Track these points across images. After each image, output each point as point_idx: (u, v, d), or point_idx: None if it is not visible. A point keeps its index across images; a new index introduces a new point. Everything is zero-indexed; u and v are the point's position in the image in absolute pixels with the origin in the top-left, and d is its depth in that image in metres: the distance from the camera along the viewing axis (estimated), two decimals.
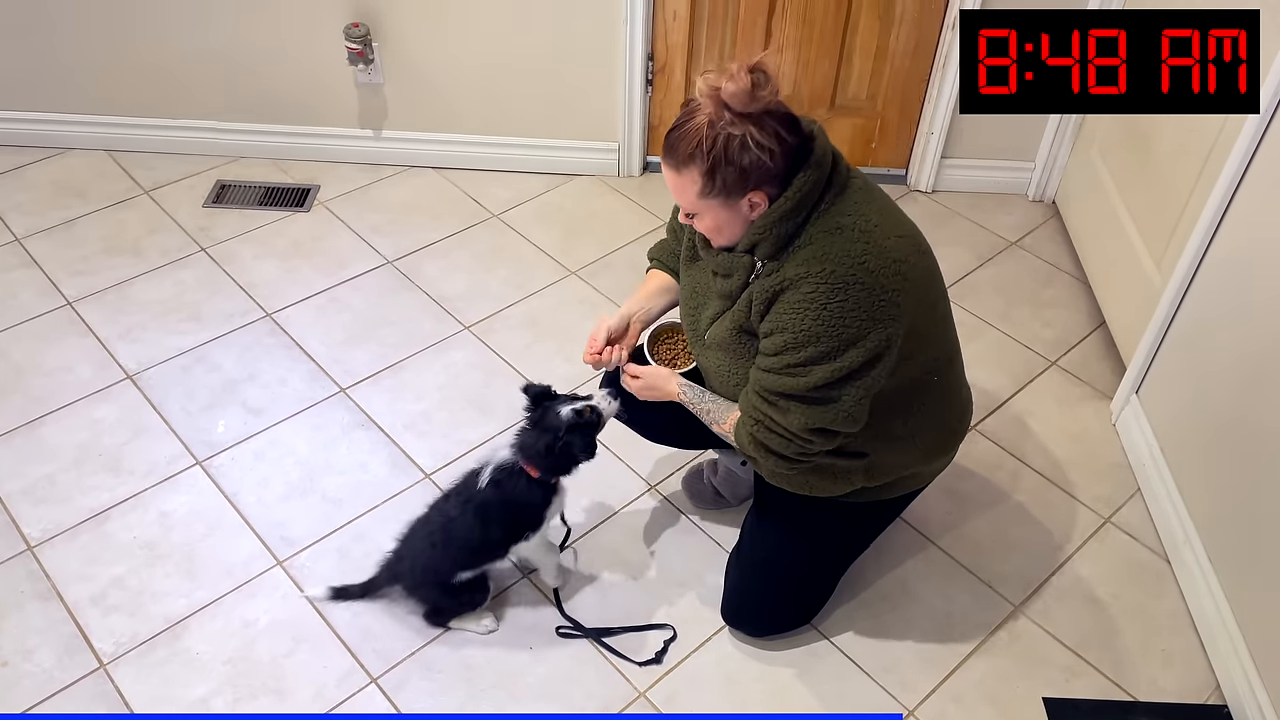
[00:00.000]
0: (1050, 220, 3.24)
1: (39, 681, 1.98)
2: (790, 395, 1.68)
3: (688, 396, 1.89)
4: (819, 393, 1.66)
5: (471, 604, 2.07)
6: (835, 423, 1.68)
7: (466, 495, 1.98)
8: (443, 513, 2.01)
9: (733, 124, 1.55)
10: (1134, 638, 2.13)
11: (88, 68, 3.21)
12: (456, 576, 2.02)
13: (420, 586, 2.05)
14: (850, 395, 1.66)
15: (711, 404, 1.86)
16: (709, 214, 1.66)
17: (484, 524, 1.96)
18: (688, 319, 1.93)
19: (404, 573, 2.05)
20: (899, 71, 3.13)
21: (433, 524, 2.02)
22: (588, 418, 1.92)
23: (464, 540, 1.97)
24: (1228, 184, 2.13)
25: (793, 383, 1.66)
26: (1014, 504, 2.39)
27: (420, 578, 2.03)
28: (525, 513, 1.98)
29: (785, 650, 2.08)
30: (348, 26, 3.04)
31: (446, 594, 2.04)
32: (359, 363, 2.68)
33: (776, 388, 1.69)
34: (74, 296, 2.84)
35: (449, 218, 3.19)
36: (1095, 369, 2.74)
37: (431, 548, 2.00)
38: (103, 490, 2.34)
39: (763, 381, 1.71)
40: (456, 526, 1.97)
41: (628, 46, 3.08)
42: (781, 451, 1.74)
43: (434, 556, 2.00)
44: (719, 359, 1.82)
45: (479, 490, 1.95)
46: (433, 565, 2.00)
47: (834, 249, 1.60)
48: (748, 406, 1.76)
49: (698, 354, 1.90)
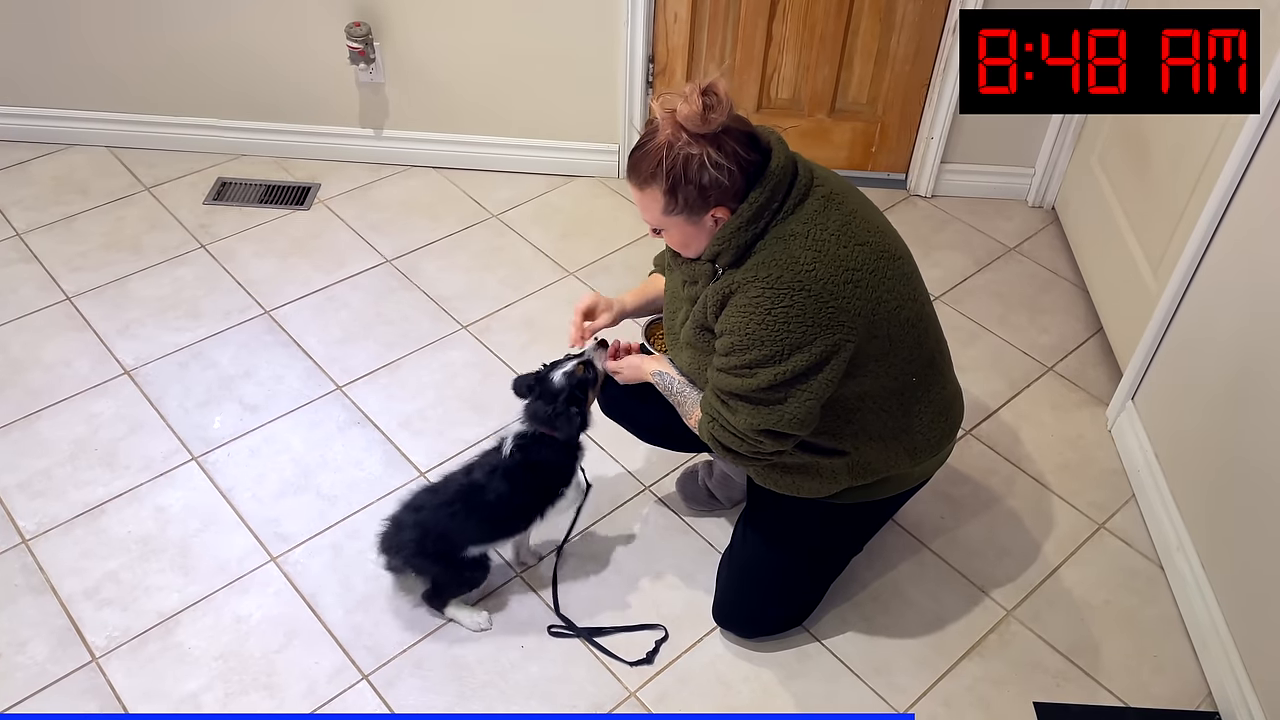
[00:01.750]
0: (1049, 226, 3.24)
1: (31, 674, 1.99)
2: (738, 395, 1.72)
3: (660, 382, 1.93)
4: (764, 394, 1.69)
5: (471, 583, 2.07)
6: (781, 424, 1.70)
7: (492, 465, 2.00)
8: (463, 482, 2.01)
9: (690, 144, 1.59)
10: (1126, 643, 2.13)
11: (91, 64, 3.22)
12: (467, 550, 2.02)
13: (424, 556, 2.02)
14: (795, 399, 1.68)
15: (681, 395, 1.90)
16: (675, 229, 1.71)
17: (514, 490, 1.98)
18: (667, 320, 1.99)
19: (405, 542, 2.01)
20: (899, 76, 3.13)
21: (450, 492, 2.01)
22: (582, 375, 1.99)
23: (490, 508, 1.98)
24: (1224, 191, 2.13)
25: (740, 383, 1.70)
26: (1008, 508, 2.39)
27: (432, 545, 2.00)
28: (557, 472, 2.04)
29: (776, 651, 2.09)
30: (349, 25, 3.05)
31: (450, 567, 2.03)
32: (356, 361, 2.69)
33: (726, 387, 1.73)
34: (73, 292, 2.85)
35: (448, 217, 3.20)
36: (1091, 375, 2.74)
37: (451, 517, 1.98)
38: (98, 485, 2.34)
39: (715, 380, 1.76)
40: (485, 493, 1.97)
41: (628, 48, 3.09)
42: (735, 449, 1.78)
43: (452, 525, 1.98)
44: (690, 357, 1.87)
45: (505, 459, 1.98)
46: (449, 533, 1.99)
47: (783, 256, 1.63)
48: (705, 404, 1.82)
49: (674, 354, 1.95)
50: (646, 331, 2.12)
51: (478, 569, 2.06)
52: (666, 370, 1.93)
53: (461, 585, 2.07)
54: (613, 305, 2.07)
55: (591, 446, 2.45)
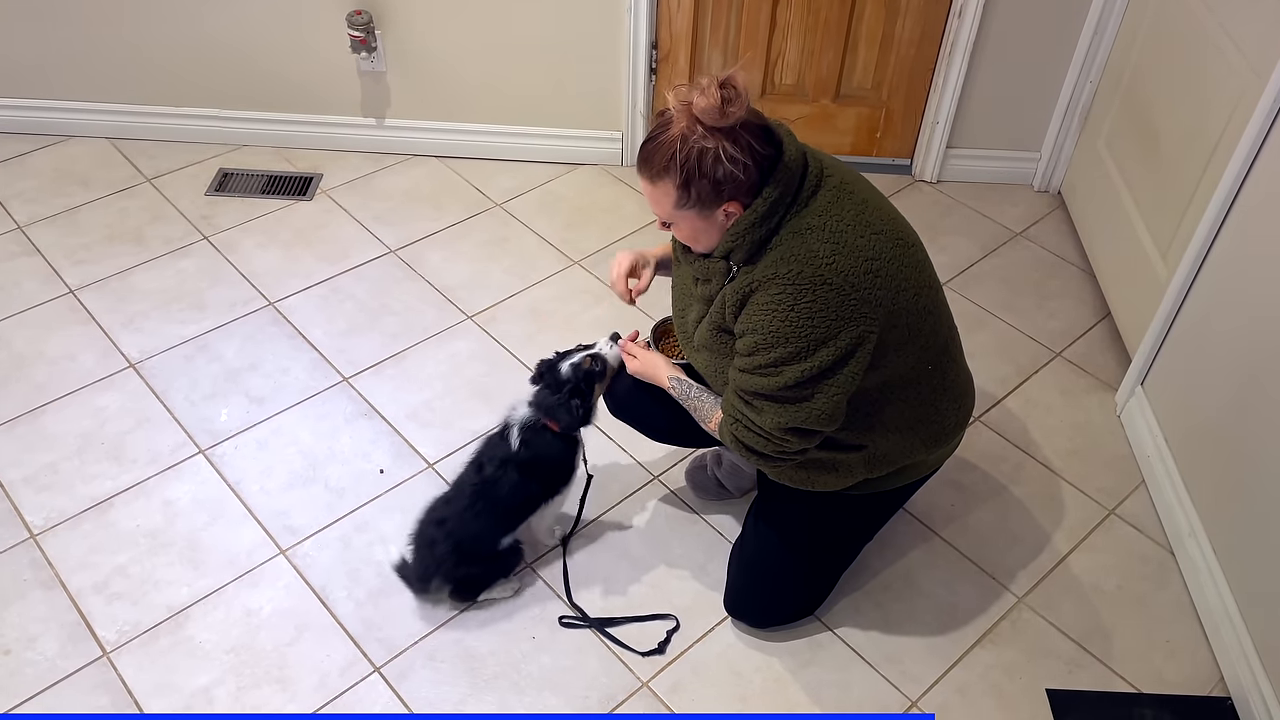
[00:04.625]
0: (1055, 211, 3.23)
1: (41, 670, 1.98)
2: (763, 395, 1.69)
3: (677, 389, 1.91)
4: (791, 392, 1.66)
5: (509, 569, 2.09)
6: (809, 421, 1.69)
7: (501, 456, 2.01)
8: (477, 480, 2.02)
9: (705, 138, 1.56)
10: (1137, 629, 2.13)
11: (90, 56, 3.20)
12: (501, 543, 2.04)
13: (465, 563, 2.03)
14: (823, 394, 1.66)
15: (698, 401, 1.88)
16: (685, 223, 1.68)
17: (527, 480, 2.01)
18: (677, 320, 1.97)
19: (443, 557, 2.02)
20: (904, 60, 3.11)
21: (468, 494, 2.02)
22: (589, 368, 1.99)
23: (508, 499, 2.00)
24: (1235, 175, 2.12)
25: (765, 382, 1.67)
26: (1018, 495, 2.39)
27: (470, 550, 2.01)
28: (557, 468, 2.05)
29: (788, 641, 2.08)
30: (350, 14, 3.03)
31: (492, 564, 2.06)
32: (362, 352, 2.68)
33: (750, 387, 1.70)
34: (76, 285, 2.83)
35: (452, 207, 3.18)
36: (1100, 360, 2.73)
37: (477, 517, 2.00)
38: (105, 479, 2.33)
39: (738, 381, 1.73)
40: (500, 487, 1.99)
41: (631, 35, 3.07)
42: (760, 450, 1.75)
43: (481, 525, 2.01)
44: (707, 359, 1.85)
45: (514, 451, 1.99)
46: (480, 534, 2.01)
47: (802, 250, 1.61)
48: (727, 405, 1.79)
49: (689, 355, 1.93)
50: (656, 333, 2.10)
51: (513, 555, 2.08)
52: (677, 376, 1.91)
53: (502, 574, 2.09)
54: (649, 260, 2.04)
55: (600, 437, 2.45)
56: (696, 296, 1.85)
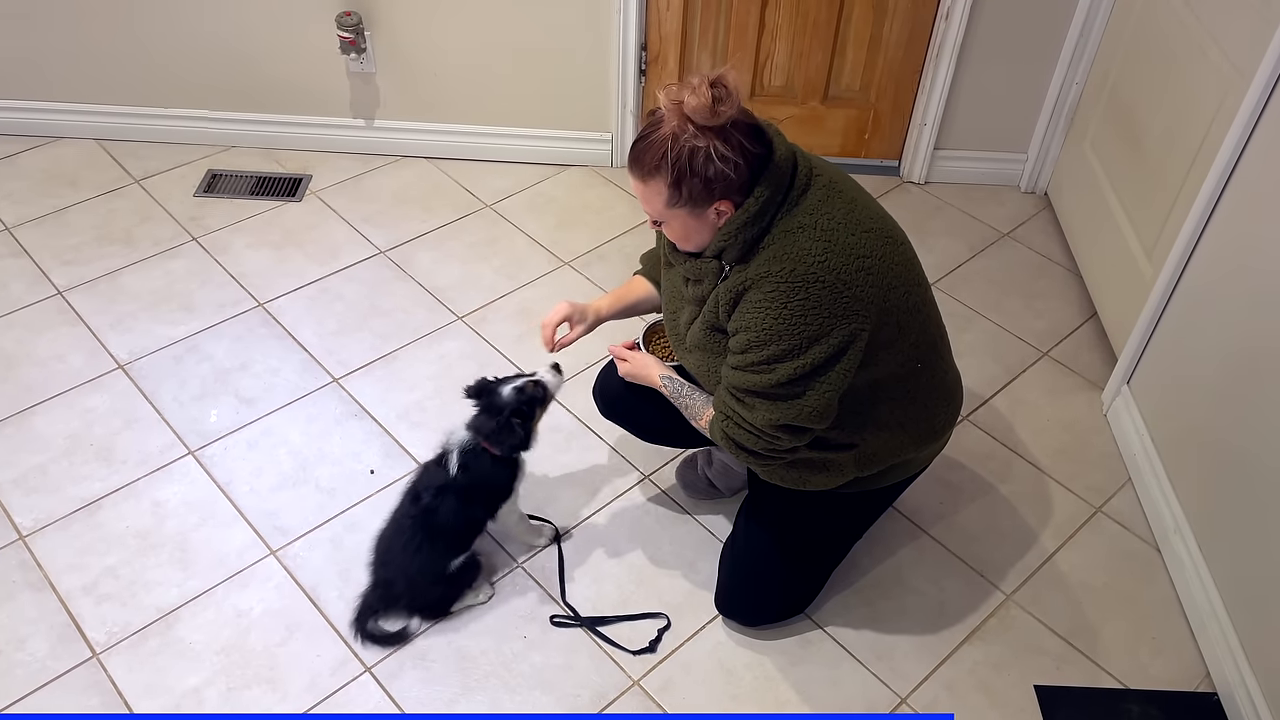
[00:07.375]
0: (1042, 212, 3.25)
1: (31, 671, 1.98)
2: (756, 392, 1.70)
3: (669, 388, 1.92)
4: (783, 389, 1.67)
5: (469, 584, 2.08)
6: (801, 419, 1.70)
7: (439, 484, 1.98)
8: (414, 512, 2.00)
9: (696, 137, 1.57)
10: (1124, 626, 2.15)
11: (78, 56, 3.19)
12: (451, 565, 2.03)
13: (422, 595, 2.04)
14: (815, 391, 1.67)
15: (690, 399, 1.89)
16: (676, 221, 1.69)
17: (466, 505, 2.00)
18: (668, 322, 1.97)
19: (398, 595, 2.04)
20: (892, 62, 3.13)
21: (408, 529, 2.00)
22: (531, 392, 1.98)
23: (449, 526, 1.99)
24: (1219, 175, 2.14)
25: (757, 380, 1.69)
26: (1005, 493, 2.40)
27: (417, 583, 2.02)
28: (496, 491, 2.04)
29: (779, 639, 2.09)
30: (340, 15, 3.03)
31: (449, 584, 2.05)
32: (352, 353, 2.68)
33: (742, 385, 1.71)
34: (65, 286, 2.82)
35: (442, 208, 3.18)
36: (1086, 359, 2.75)
37: (418, 551, 1.99)
38: (94, 480, 2.33)
39: (730, 379, 1.74)
40: (439, 516, 1.97)
41: (621, 36, 3.07)
42: (751, 447, 1.76)
43: (422, 558, 1.99)
44: (699, 359, 1.85)
45: (452, 478, 1.97)
46: (428, 564, 2.00)
47: (794, 249, 1.62)
48: (719, 403, 1.80)
49: (681, 357, 1.94)
50: (644, 337, 2.09)
51: (469, 568, 2.07)
52: (669, 375, 1.92)
53: (463, 588, 2.08)
54: (587, 314, 2.04)
55: (590, 436, 2.46)
56: (688, 298, 1.85)
